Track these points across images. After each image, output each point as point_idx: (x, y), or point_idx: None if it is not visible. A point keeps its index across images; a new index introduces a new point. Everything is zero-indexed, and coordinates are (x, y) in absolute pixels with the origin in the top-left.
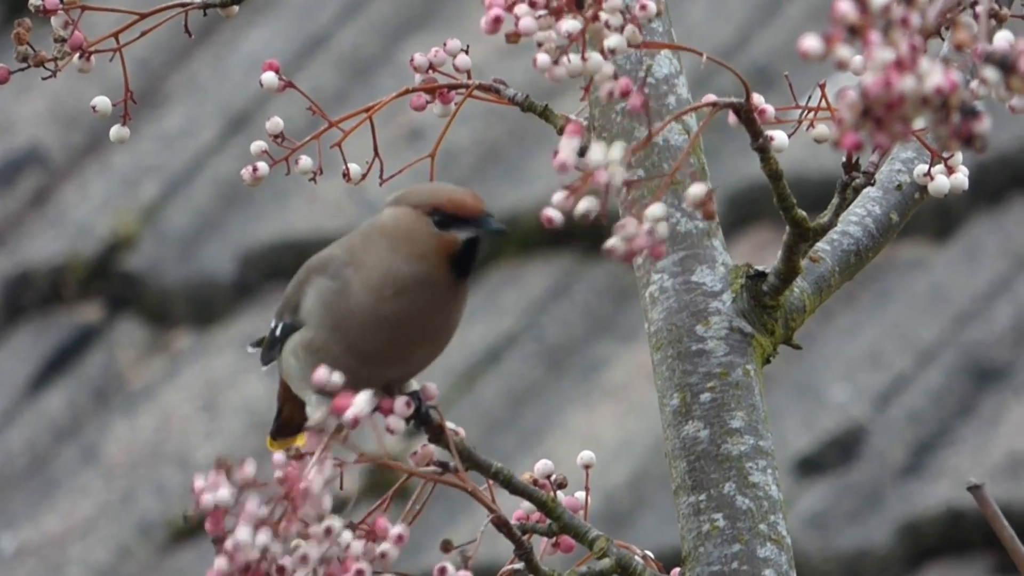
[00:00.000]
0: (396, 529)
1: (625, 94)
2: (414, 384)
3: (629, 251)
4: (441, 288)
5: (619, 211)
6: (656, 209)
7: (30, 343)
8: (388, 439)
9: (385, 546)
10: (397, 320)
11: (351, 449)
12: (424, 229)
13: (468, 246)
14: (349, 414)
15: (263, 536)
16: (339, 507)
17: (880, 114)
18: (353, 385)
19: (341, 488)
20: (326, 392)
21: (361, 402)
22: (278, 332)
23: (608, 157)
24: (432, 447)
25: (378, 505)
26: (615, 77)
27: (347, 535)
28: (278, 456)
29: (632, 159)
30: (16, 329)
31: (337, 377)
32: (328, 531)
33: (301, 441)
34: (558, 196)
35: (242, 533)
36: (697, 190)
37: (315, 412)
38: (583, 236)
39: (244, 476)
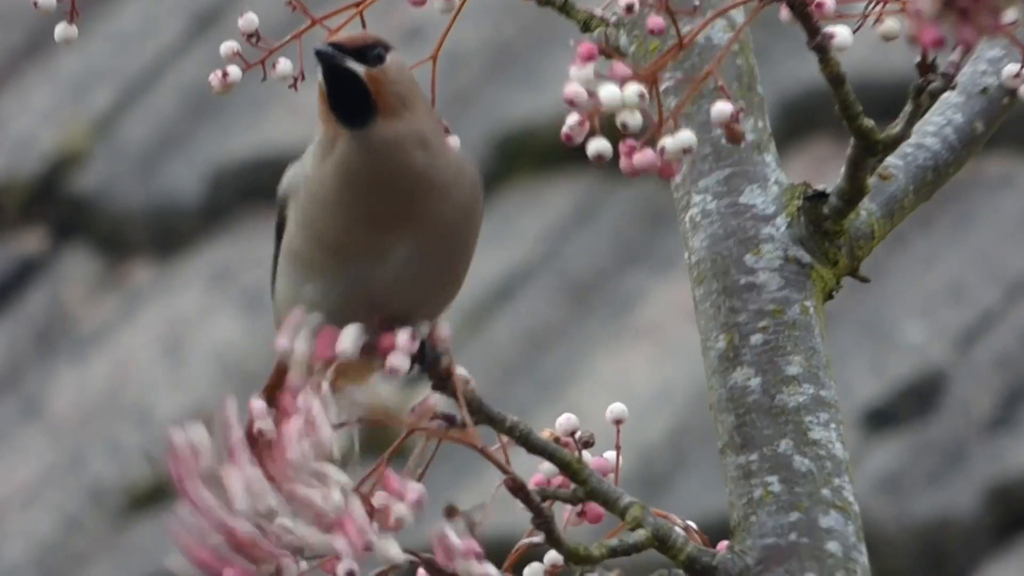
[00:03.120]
0: (414, 491)
1: None
2: (424, 327)
3: (631, 169)
4: (350, 144)
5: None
6: (684, 136)
7: None
8: (384, 387)
9: (399, 509)
10: (340, 189)
11: (341, 400)
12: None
13: (327, 79)
14: (336, 349)
15: (265, 499)
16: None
17: (965, 3)
18: (348, 307)
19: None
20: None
21: (349, 336)
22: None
23: (623, 98)
24: (436, 397)
25: (375, 468)
26: None
27: (338, 496)
28: (258, 403)
29: (668, 64)
30: None
31: (313, 320)
32: (321, 475)
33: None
34: (571, 121)
35: (235, 485)
36: (722, 108)
37: (296, 351)
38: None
39: (226, 417)
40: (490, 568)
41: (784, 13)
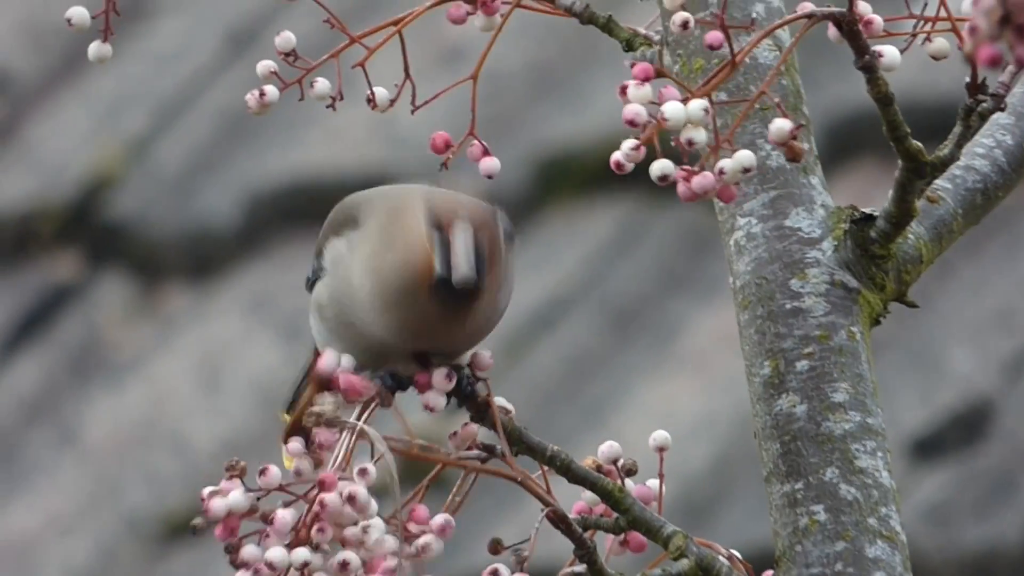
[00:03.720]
0: (439, 518)
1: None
2: (465, 356)
3: (690, 193)
4: (436, 297)
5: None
6: (743, 156)
7: None
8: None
9: (427, 538)
10: (391, 314)
11: (372, 435)
12: (417, 256)
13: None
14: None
15: (302, 553)
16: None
17: (1023, 21)
18: (374, 359)
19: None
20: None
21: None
22: (310, 275)
23: (687, 114)
24: (475, 427)
25: (411, 497)
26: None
27: (377, 529)
28: (294, 445)
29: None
30: None
31: (347, 361)
32: (365, 530)
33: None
34: (627, 146)
35: (275, 553)
36: (781, 125)
37: (323, 399)
38: None
39: (268, 481)
40: None
41: (832, 31)
